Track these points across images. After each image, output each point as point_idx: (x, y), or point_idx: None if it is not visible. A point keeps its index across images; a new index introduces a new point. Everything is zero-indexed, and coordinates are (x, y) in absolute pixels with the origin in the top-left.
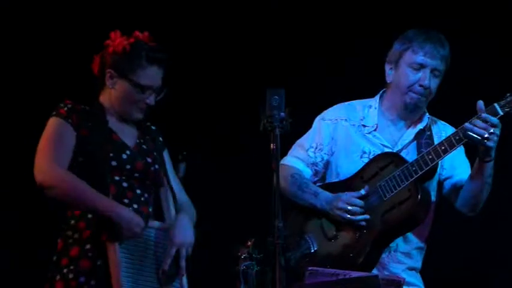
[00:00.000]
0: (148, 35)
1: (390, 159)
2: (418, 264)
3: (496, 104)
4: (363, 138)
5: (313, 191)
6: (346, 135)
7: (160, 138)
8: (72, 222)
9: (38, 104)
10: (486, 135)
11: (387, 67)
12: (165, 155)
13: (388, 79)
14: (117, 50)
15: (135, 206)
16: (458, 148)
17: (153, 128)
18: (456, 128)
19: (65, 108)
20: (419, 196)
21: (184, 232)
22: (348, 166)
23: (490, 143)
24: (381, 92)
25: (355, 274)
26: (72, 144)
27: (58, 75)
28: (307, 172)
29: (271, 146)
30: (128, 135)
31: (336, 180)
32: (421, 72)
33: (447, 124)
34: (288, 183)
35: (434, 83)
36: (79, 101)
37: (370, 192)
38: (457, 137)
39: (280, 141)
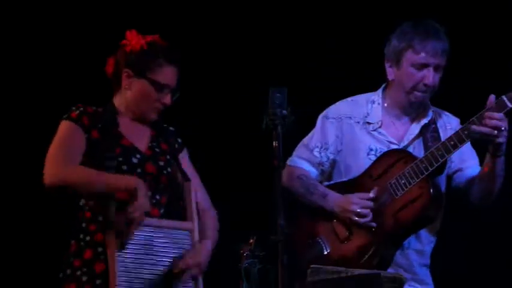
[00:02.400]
0: (159, 37)
1: (399, 156)
2: (428, 260)
3: (503, 97)
4: (368, 136)
5: (322, 193)
6: (352, 133)
7: (179, 139)
8: (84, 225)
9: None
10: (495, 133)
11: (387, 64)
12: (184, 155)
13: (390, 76)
14: (134, 49)
15: None
16: (467, 144)
17: (171, 129)
18: (459, 117)
19: (77, 112)
20: (431, 193)
21: (197, 255)
22: (355, 164)
23: (501, 139)
24: (383, 86)
25: (357, 272)
26: (82, 146)
27: (71, 77)
28: (314, 172)
29: (274, 144)
30: (140, 139)
31: (344, 179)
32: (424, 70)
33: (450, 114)
34: (296, 185)
35: (437, 78)
36: (92, 104)
37: (381, 190)
38: (466, 132)
39: (282, 139)
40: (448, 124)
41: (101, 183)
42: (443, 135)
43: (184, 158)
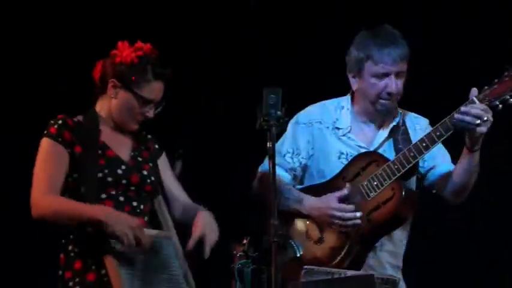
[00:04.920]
0: (152, 47)
1: (371, 159)
2: (401, 262)
3: (474, 98)
4: (338, 141)
5: (297, 197)
6: (322, 138)
7: (156, 146)
8: (72, 236)
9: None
10: (478, 122)
11: (350, 75)
12: (162, 160)
13: (353, 87)
14: (124, 62)
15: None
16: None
17: (149, 136)
18: (426, 117)
19: (55, 126)
20: (403, 194)
21: (211, 226)
22: (327, 168)
23: (481, 129)
24: (350, 91)
25: (350, 273)
26: (64, 163)
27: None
28: (286, 177)
29: (268, 145)
30: (123, 148)
31: (317, 182)
32: (385, 79)
33: (418, 115)
34: (265, 191)
35: (400, 83)
36: (74, 109)
37: (354, 192)
38: (438, 133)
39: (276, 140)
40: (417, 125)
41: (74, 216)
42: (413, 135)
43: (162, 163)
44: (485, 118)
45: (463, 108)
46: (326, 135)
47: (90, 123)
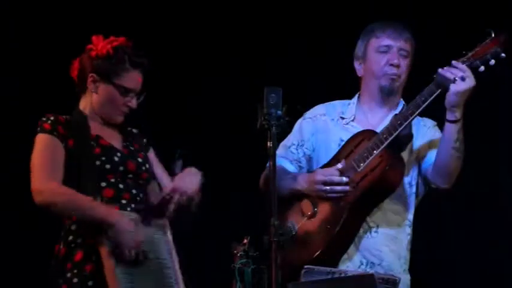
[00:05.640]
0: (126, 40)
1: (363, 136)
2: (404, 252)
3: (453, 62)
4: (341, 129)
5: (292, 176)
6: (325, 129)
7: (144, 140)
8: (73, 227)
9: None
10: (457, 77)
11: (356, 63)
12: (151, 154)
13: (359, 73)
14: (100, 54)
15: (133, 205)
16: (434, 132)
17: (135, 131)
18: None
19: (48, 122)
20: (390, 159)
21: (188, 178)
22: (326, 156)
23: (457, 87)
24: (357, 94)
25: (350, 272)
26: (62, 156)
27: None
28: (291, 168)
29: (268, 144)
30: (114, 139)
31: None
32: (388, 53)
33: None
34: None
35: (403, 62)
36: (59, 110)
37: (347, 167)
38: (423, 98)
39: (277, 139)
40: (422, 121)
41: (82, 211)
42: (415, 129)
43: (152, 157)
44: (460, 75)
45: (446, 66)
46: (329, 126)
47: (79, 121)
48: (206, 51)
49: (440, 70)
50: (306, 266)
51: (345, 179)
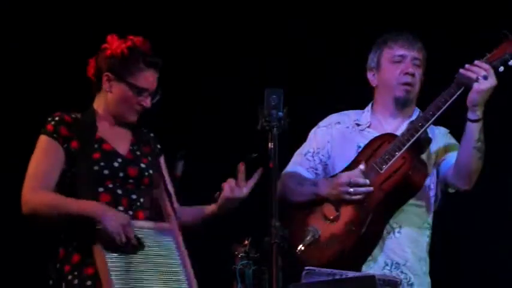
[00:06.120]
0: (143, 40)
1: (383, 140)
2: (425, 254)
3: (476, 62)
4: (357, 135)
5: (312, 182)
6: (342, 136)
7: (158, 146)
8: (71, 231)
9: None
10: (480, 76)
11: (369, 74)
12: (161, 161)
13: (373, 83)
14: (115, 54)
15: (130, 212)
16: (449, 138)
17: (152, 135)
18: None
19: (52, 123)
20: (413, 160)
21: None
22: (343, 162)
23: (481, 86)
24: (370, 103)
25: (351, 274)
26: (59, 159)
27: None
28: (308, 175)
29: (269, 146)
30: (121, 142)
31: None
32: (402, 63)
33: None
34: (288, 184)
35: (417, 71)
36: (74, 108)
37: (368, 170)
38: (443, 99)
39: (278, 140)
40: (437, 129)
41: (64, 211)
42: (431, 134)
43: (162, 164)
44: (483, 73)
45: (466, 66)
46: (345, 133)
47: (87, 120)
48: (206, 51)
49: (461, 70)
50: (306, 268)
51: (368, 181)
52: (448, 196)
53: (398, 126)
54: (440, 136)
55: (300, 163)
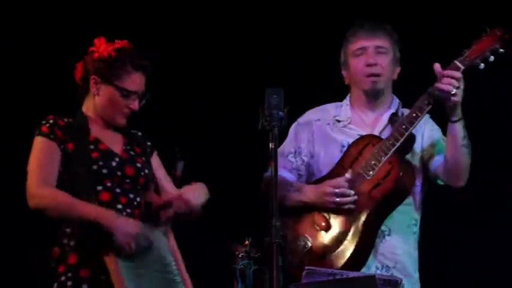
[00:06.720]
0: (128, 42)
1: (366, 141)
2: (413, 250)
3: (455, 61)
4: (339, 133)
5: (297, 187)
6: (323, 134)
7: (149, 143)
8: (68, 230)
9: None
10: (454, 91)
11: (343, 72)
12: (155, 157)
13: (346, 80)
14: (102, 57)
15: (129, 210)
16: (436, 130)
17: (140, 134)
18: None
19: (47, 125)
20: (400, 165)
21: (195, 191)
22: (329, 163)
23: (457, 98)
24: (348, 96)
25: (352, 274)
26: (58, 160)
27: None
28: (291, 177)
29: (270, 145)
30: (115, 143)
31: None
32: (364, 55)
33: None
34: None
35: (382, 59)
36: (63, 112)
37: (355, 176)
38: (426, 102)
39: (278, 140)
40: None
41: (76, 213)
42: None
43: (155, 160)
44: (456, 85)
45: (440, 82)
46: (326, 130)
47: (79, 123)
48: (206, 52)
49: (436, 86)
50: (306, 267)
51: (352, 192)
52: (436, 193)
53: (378, 118)
54: (422, 126)
55: (283, 165)
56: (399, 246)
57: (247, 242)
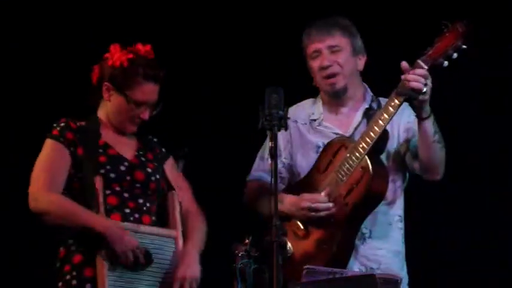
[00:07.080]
0: (150, 49)
1: (339, 144)
2: (399, 247)
3: (418, 60)
4: (315, 133)
5: (279, 199)
6: (300, 136)
7: (163, 149)
8: (73, 231)
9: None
10: (424, 90)
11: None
12: (169, 163)
13: (315, 82)
14: (115, 65)
15: (136, 215)
16: (413, 121)
17: (155, 140)
18: None
19: (58, 128)
20: (372, 169)
21: (190, 267)
22: (307, 164)
23: (426, 96)
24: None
25: (352, 273)
26: (66, 164)
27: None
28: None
29: (270, 145)
30: (126, 148)
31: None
32: (320, 57)
33: None
34: (252, 192)
35: (338, 57)
36: (79, 115)
37: (330, 183)
38: (393, 103)
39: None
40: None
41: (76, 220)
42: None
43: (169, 166)
44: (424, 82)
45: (408, 77)
46: (303, 131)
47: (91, 127)
48: (206, 52)
49: (406, 86)
50: (306, 266)
51: (331, 204)
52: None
53: (351, 114)
54: (399, 118)
55: (263, 169)
56: (382, 247)
57: (247, 241)
